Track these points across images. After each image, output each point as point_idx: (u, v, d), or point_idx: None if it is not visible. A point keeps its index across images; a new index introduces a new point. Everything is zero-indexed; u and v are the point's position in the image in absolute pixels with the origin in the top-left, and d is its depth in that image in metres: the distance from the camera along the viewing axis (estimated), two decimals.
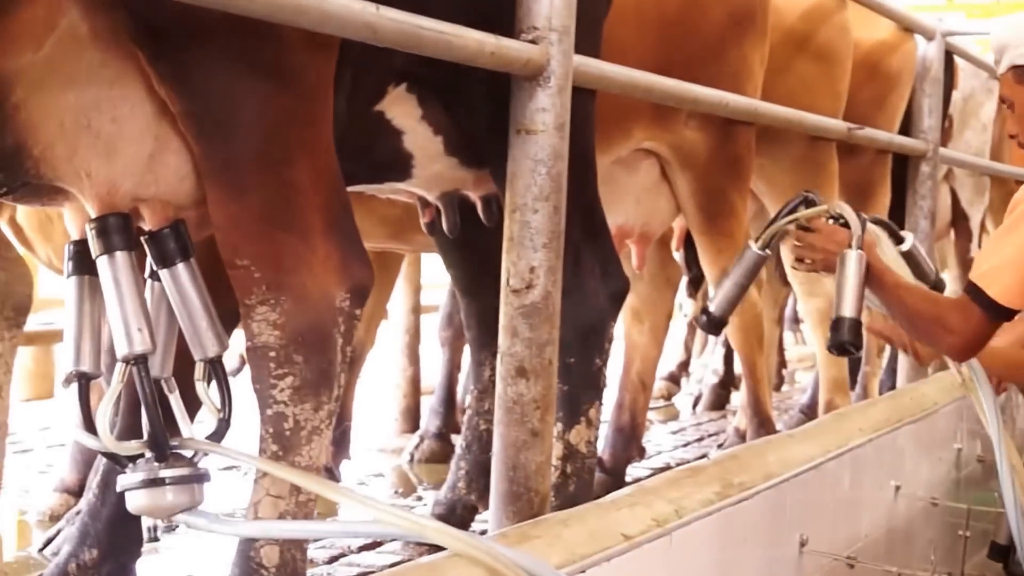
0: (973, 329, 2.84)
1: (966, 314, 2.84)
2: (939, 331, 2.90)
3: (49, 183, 2.22)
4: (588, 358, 3.10)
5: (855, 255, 3.02)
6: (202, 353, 2.32)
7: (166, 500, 2.19)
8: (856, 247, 3.01)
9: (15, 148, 2.10)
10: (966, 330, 2.85)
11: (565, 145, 2.64)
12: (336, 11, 2.13)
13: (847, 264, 3.02)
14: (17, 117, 2.07)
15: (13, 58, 2.02)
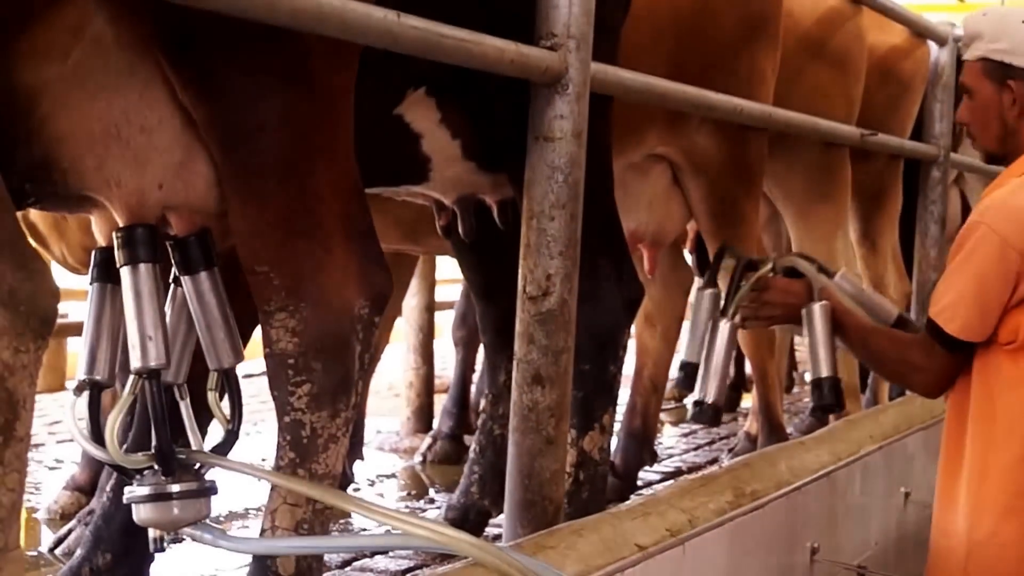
0: (938, 365, 2.84)
1: (929, 351, 2.84)
2: (906, 370, 2.91)
3: (77, 193, 2.22)
4: (603, 365, 3.10)
5: (820, 308, 2.99)
6: (217, 363, 2.32)
7: (172, 514, 2.19)
8: (819, 299, 2.98)
9: (43, 160, 2.10)
10: (932, 367, 2.85)
11: (583, 152, 2.65)
12: (357, 19, 2.14)
13: (815, 319, 2.98)
14: (45, 130, 2.08)
15: (40, 71, 2.02)
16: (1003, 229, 2.72)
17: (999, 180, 2.89)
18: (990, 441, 2.76)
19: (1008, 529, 2.73)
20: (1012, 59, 2.81)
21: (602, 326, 3.10)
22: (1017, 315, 2.73)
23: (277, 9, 1.99)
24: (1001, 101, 2.83)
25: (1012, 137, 2.85)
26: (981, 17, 2.89)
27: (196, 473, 2.25)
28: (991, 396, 2.76)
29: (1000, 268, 2.72)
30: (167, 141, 2.22)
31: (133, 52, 2.14)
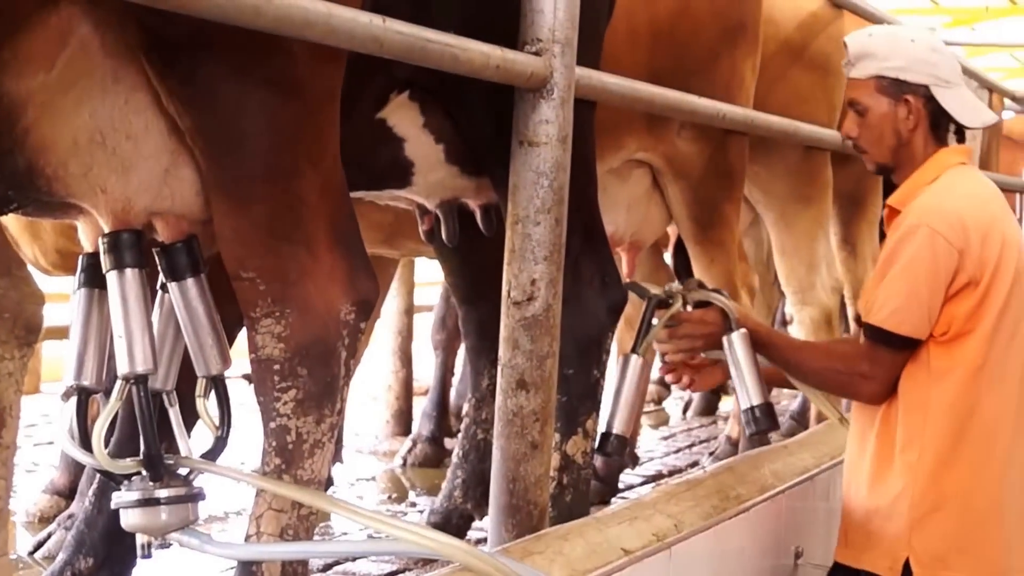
0: (885, 370, 2.89)
1: (874, 358, 2.90)
2: (855, 382, 2.94)
3: (62, 200, 2.21)
4: (586, 369, 3.11)
5: (739, 337, 3.00)
6: (205, 370, 2.31)
7: (160, 519, 2.18)
8: (736, 327, 3.01)
9: (28, 167, 2.08)
10: (878, 373, 2.90)
11: (567, 157, 2.65)
12: (343, 24, 2.14)
13: (735, 348, 3.00)
14: (29, 137, 2.06)
15: (24, 79, 2.00)
16: (943, 230, 2.82)
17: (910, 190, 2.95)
18: (923, 429, 2.86)
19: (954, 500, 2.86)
20: (907, 75, 2.92)
21: (585, 331, 3.10)
22: (951, 308, 2.84)
23: (263, 15, 1.99)
24: (896, 115, 2.94)
25: (905, 149, 2.97)
26: (868, 38, 3.00)
27: (184, 479, 2.25)
28: (923, 387, 2.87)
29: (942, 266, 2.82)
30: (153, 148, 2.21)
31: (118, 59, 2.12)
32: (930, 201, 2.87)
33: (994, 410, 2.91)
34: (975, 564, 2.91)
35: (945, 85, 2.94)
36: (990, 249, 2.85)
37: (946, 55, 2.99)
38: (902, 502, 2.88)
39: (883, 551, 2.90)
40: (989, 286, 2.85)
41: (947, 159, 2.96)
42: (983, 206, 2.92)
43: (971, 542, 2.90)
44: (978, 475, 2.89)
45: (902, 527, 2.88)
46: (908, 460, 2.89)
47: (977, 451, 2.89)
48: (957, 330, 2.85)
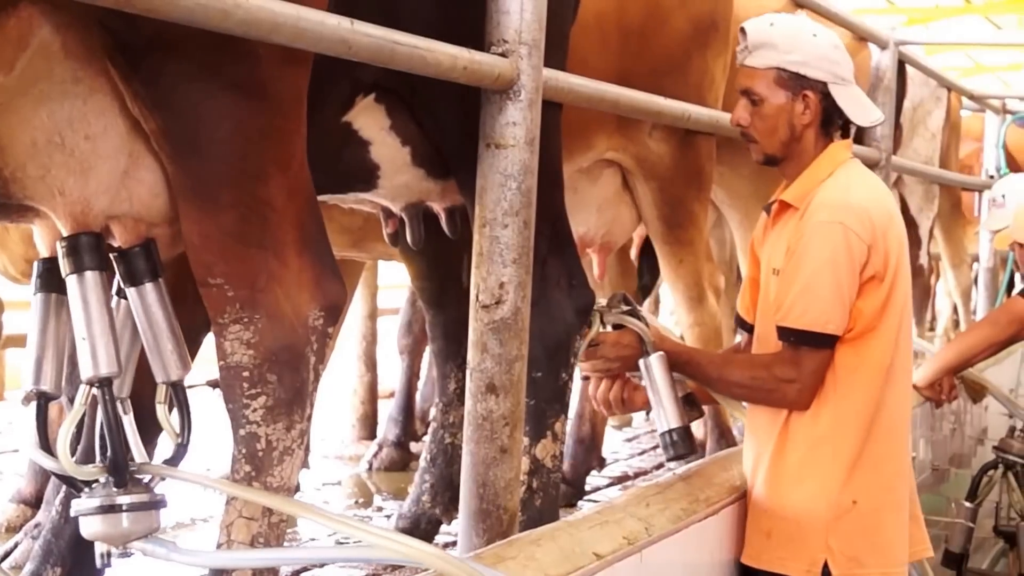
0: (809, 371, 2.91)
1: (796, 361, 2.91)
2: (780, 388, 2.94)
3: (19, 202, 2.17)
4: (554, 373, 3.10)
5: (656, 360, 3.00)
6: (165, 376, 2.28)
7: (122, 527, 2.15)
8: (651, 350, 3.02)
9: None
10: (802, 375, 2.91)
11: (535, 159, 2.63)
12: (311, 27, 2.12)
13: (652, 371, 3.00)
14: None
15: None
16: (854, 225, 2.86)
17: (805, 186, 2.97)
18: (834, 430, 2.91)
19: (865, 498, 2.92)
20: (807, 71, 2.92)
21: (553, 334, 3.09)
22: (858, 304, 2.89)
23: (231, 17, 1.96)
24: (793, 109, 2.95)
25: (796, 143, 2.98)
26: (769, 27, 2.98)
27: (146, 486, 2.22)
28: (830, 386, 2.91)
29: (856, 261, 2.86)
30: (112, 149, 2.19)
31: (79, 61, 2.10)
32: (836, 197, 2.89)
33: (895, 407, 2.97)
34: (885, 559, 2.98)
35: (842, 83, 2.95)
36: (891, 244, 2.91)
37: (844, 52, 2.99)
38: (818, 503, 2.92)
39: (801, 554, 2.93)
40: (893, 283, 2.90)
41: (838, 154, 2.99)
42: (882, 202, 2.98)
43: (882, 538, 2.96)
44: (884, 472, 2.96)
45: (819, 529, 2.91)
46: (820, 461, 2.93)
47: (883, 449, 2.96)
48: (863, 327, 2.89)
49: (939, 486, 5.59)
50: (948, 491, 5.62)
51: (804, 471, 2.94)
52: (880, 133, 5.71)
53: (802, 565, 2.92)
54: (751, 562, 3.00)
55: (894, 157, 5.95)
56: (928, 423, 5.28)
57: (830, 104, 2.94)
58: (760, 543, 2.98)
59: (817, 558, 2.92)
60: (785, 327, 2.91)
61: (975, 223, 8.56)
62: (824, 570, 2.91)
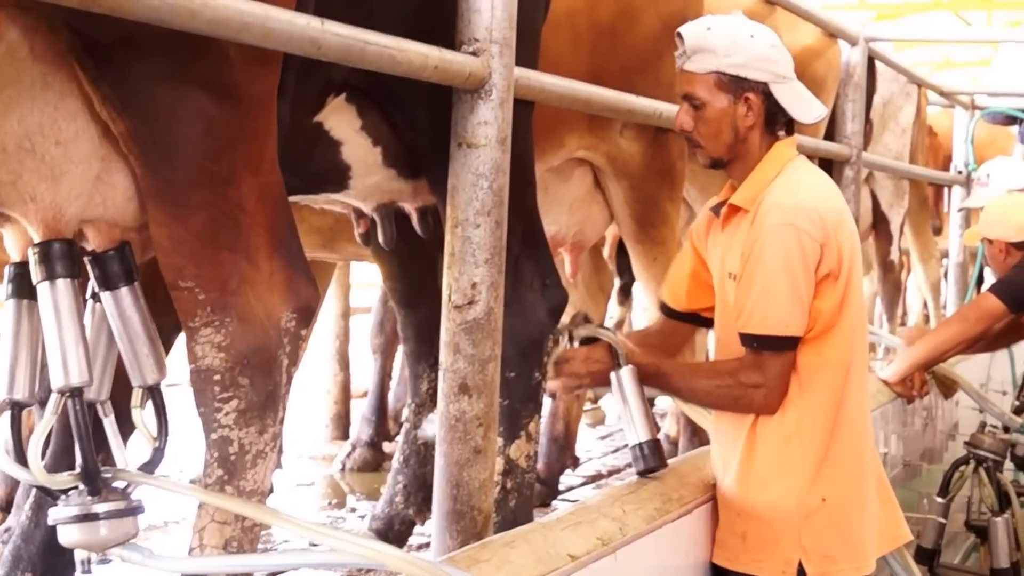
0: (776, 375, 2.92)
1: (761, 366, 2.92)
2: (747, 394, 2.96)
3: None
4: (528, 372, 3.09)
5: (627, 372, 3.00)
6: (141, 379, 2.26)
7: (100, 534, 2.13)
8: (624, 363, 3.01)
9: None
10: (769, 380, 2.93)
11: (507, 159, 2.62)
12: (280, 27, 2.10)
13: (624, 384, 3.00)
14: None
15: None
16: (805, 226, 2.87)
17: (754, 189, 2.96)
18: (800, 429, 2.93)
19: (834, 496, 2.94)
20: (747, 73, 2.92)
21: (526, 333, 3.08)
22: (816, 303, 2.90)
23: (198, 17, 1.95)
24: (736, 112, 2.94)
25: (741, 145, 2.98)
26: (707, 31, 2.96)
27: (122, 492, 2.20)
28: (796, 383, 2.93)
29: (810, 262, 2.87)
30: (83, 154, 2.16)
31: (48, 64, 2.07)
32: (786, 199, 2.90)
33: (856, 402, 2.99)
34: (855, 554, 3.00)
35: (782, 81, 2.95)
36: (843, 240, 2.92)
37: (783, 50, 2.99)
38: (789, 503, 2.93)
39: (775, 555, 2.94)
40: (848, 279, 2.92)
41: (784, 153, 2.99)
42: (831, 199, 2.99)
43: (852, 534, 2.99)
44: (850, 468, 2.98)
45: (792, 529, 2.93)
46: (789, 461, 2.94)
47: (847, 444, 2.98)
48: (823, 326, 2.91)
49: (911, 481, 5.60)
50: (920, 486, 5.63)
51: (773, 472, 2.95)
52: (851, 130, 5.73)
53: (777, 566, 2.94)
54: (727, 564, 3.00)
55: (864, 153, 5.96)
56: (900, 419, 5.29)
57: (772, 103, 2.94)
58: (735, 546, 2.99)
59: (791, 558, 2.93)
60: (747, 333, 2.92)
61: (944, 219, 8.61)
62: (799, 569, 2.92)
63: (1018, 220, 5.16)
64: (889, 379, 5.08)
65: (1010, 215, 5.21)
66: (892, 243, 7.90)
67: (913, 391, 5.14)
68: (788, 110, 2.96)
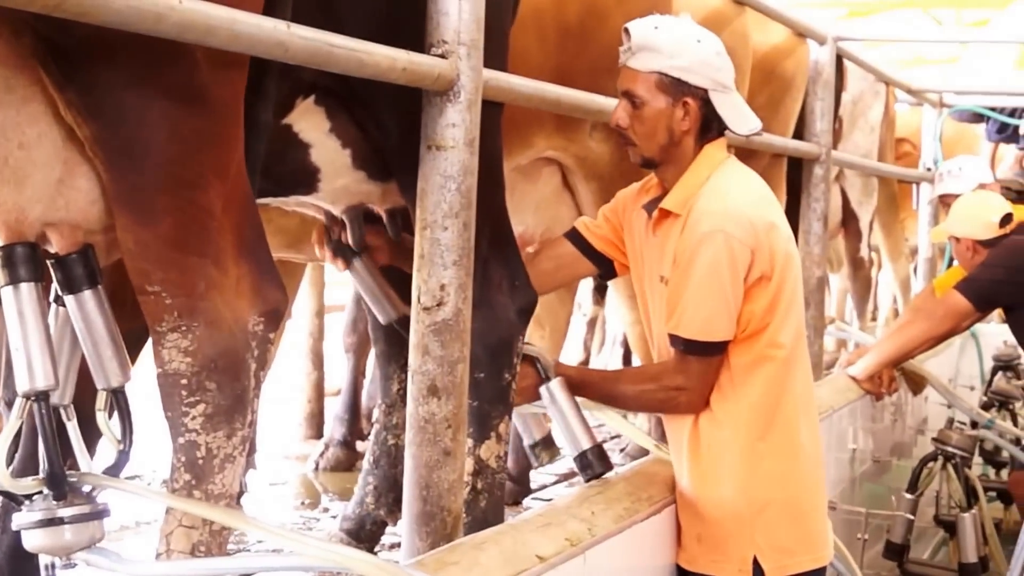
0: (702, 378, 2.98)
1: (687, 369, 2.98)
2: (672, 397, 3.02)
3: None
4: (497, 373, 3.09)
5: (556, 384, 3.08)
6: (105, 383, 2.26)
7: (65, 539, 2.14)
8: (551, 376, 3.08)
9: None
10: (694, 383, 2.98)
11: (475, 161, 2.63)
12: (247, 30, 2.10)
13: (556, 396, 3.09)
14: None
15: None
16: (735, 231, 2.90)
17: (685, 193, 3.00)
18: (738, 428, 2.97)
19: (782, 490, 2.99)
20: (689, 77, 2.95)
21: (496, 334, 3.08)
22: (748, 306, 2.94)
23: (164, 20, 1.94)
24: (673, 115, 2.97)
25: (674, 148, 3.01)
26: (654, 31, 2.98)
27: (88, 496, 2.20)
28: (728, 386, 2.98)
29: (740, 266, 2.91)
30: (46, 157, 2.15)
31: (11, 68, 2.06)
32: (716, 206, 2.93)
33: (798, 398, 3.03)
34: (811, 546, 3.05)
35: (723, 90, 2.98)
36: (775, 242, 2.96)
37: (727, 59, 3.01)
38: (738, 502, 2.98)
39: (731, 554, 2.98)
40: (781, 279, 2.96)
41: (714, 156, 3.02)
42: (761, 201, 3.03)
43: (805, 527, 3.03)
44: (791, 461, 3.02)
45: (744, 527, 2.97)
46: (731, 460, 2.98)
47: (791, 440, 3.02)
48: (754, 327, 2.95)
49: (881, 476, 5.65)
50: (889, 481, 5.68)
51: (718, 472, 2.99)
52: (820, 128, 5.75)
53: (733, 565, 2.98)
54: (687, 566, 3.04)
55: (834, 151, 5.99)
56: (868, 414, 5.33)
57: (710, 111, 2.97)
58: (693, 548, 3.02)
59: (746, 555, 2.97)
60: (675, 335, 2.96)
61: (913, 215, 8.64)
62: (756, 567, 2.94)
63: (985, 218, 5.20)
64: (858, 376, 5.12)
65: (977, 213, 5.25)
66: (862, 240, 7.93)
67: (881, 388, 5.19)
68: (724, 119, 2.99)
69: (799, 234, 5.71)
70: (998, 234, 5.16)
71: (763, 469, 2.97)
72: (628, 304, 4.72)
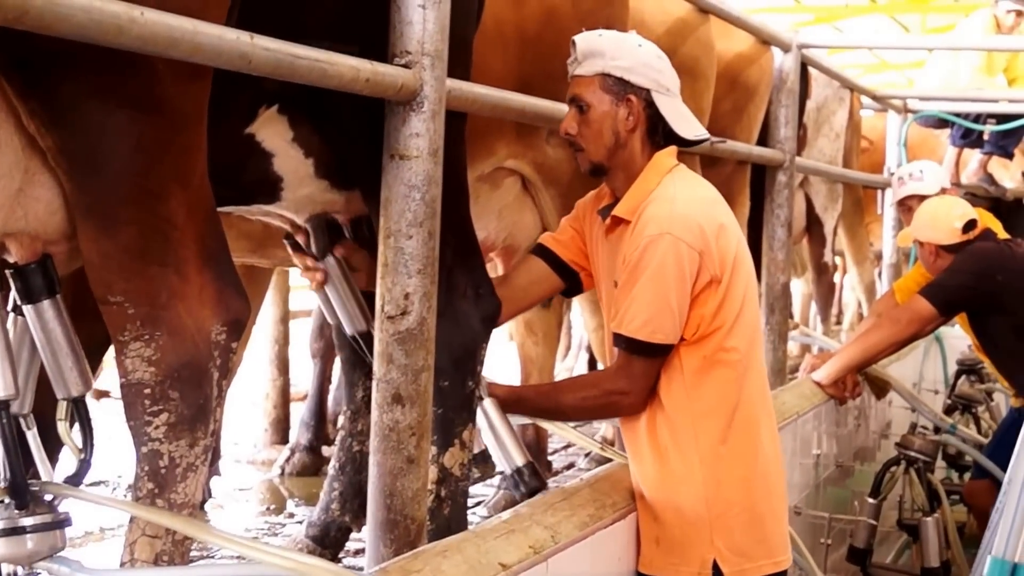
0: (642, 380, 3.00)
1: (630, 370, 3.00)
2: (615, 401, 3.04)
3: None
4: (461, 381, 3.10)
5: (489, 404, 3.12)
6: (65, 392, 2.27)
7: (27, 548, 2.15)
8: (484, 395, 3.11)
9: None
10: (637, 384, 3.00)
11: (439, 170, 2.64)
12: (209, 42, 2.10)
13: (488, 416, 3.12)
14: None
15: None
16: (683, 235, 2.92)
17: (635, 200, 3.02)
18: (694, 431, 2.98)
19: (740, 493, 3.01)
20: (631, 76, 2.99)
21: (460, 342, 3.10)
22: (697, 309, 2.96)
23: (126, 33, 1.95)
24: (617, 115, 3.00)
25: (621, 150, 3.03)
26: (598, 37, 3.05)
27: (50, 505, 2.21)
28: (681, 389, 2.99)
29: (687, 270, 2.93)
30: (6, 167, 2.15)
31: None
32: (663, 210, 2.95)
33: (754, 401, 3.05)
34: (771, 550, 3.07)
35: (666, 93, 3.02)
36: (725, 245, 2.98)
37: (668, 64, 3.06)
38: (697, 506, 2.99)
39: (690, 557, 3.00)
40: (730, 282, 2.97)
41: (663, 163, 3.04)
42: (711, 207, 3.04)
43: (764, 530, 3.04)
44: (751, 465, 3.03)
45: (703, 530, 2.99)
46: (688, 463, 2.99)
47: (748, 442, 3.03)
48: (704, 330, 2.96)
49: (845, 480, 5.68)
50: (853, 485, 5.72)
51: (676, 476, 3.00)
52: (784, 135, 5.79)
53: (693, 568, 2.99)
54: (646, 571, 3.05)
55: (798, 158, 6.03)
56: (833, 419, 5.36)
57: (654, 112, 3.01)
58: (651, 551, 3.04)
59: (706, 558, 2.98)
60: (619, 334, 2.99)
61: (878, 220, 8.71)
62: (715, 570, 2.97)
63: (948, 223, 5.24)
64: (821, 381, 5.16)
65: (940, 218, 5.29)
66: (826, 245, 8.00)
67: (845, 392, 5.22)
68: (668, 121, 3.02)
69: (763, 240, 5.74)
70: (962, 239, 5.21)
71: (722, 472, 2.99)
72: (591, 309, 4.75)
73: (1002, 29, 9.17)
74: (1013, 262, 5.17)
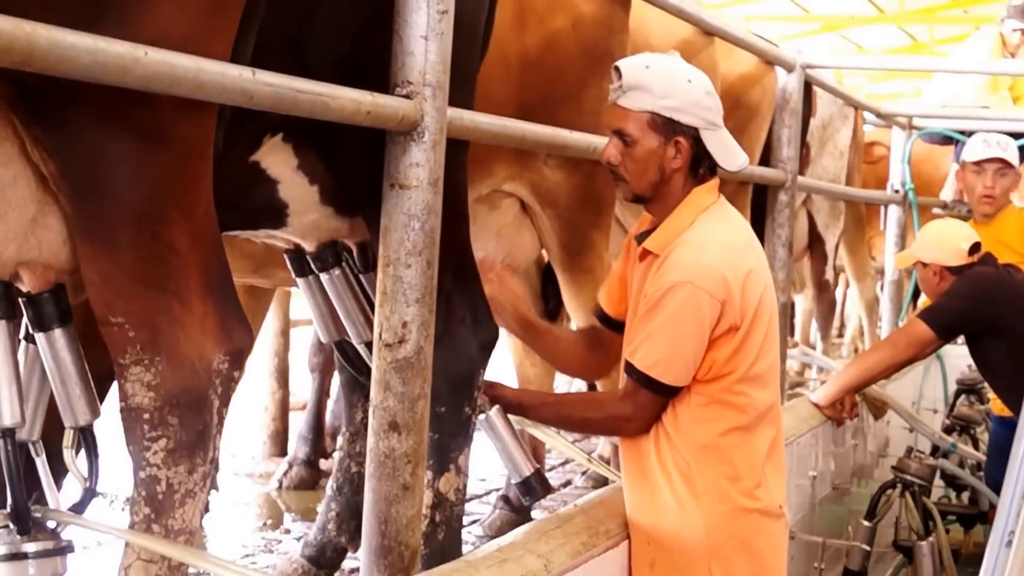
0: (648, 411, 3.03)
1: (636, 399, 3.03)
2: (617, 424, 3.09)
3: None
4: (458, 407, 3.14)
5: (495, 413, 3.13)
6: (73, 420, 2.30)
7: (28, 573, 2.20)
8: (489, 405, 3.13)
9: None
10: (640, 414, 3.04)
11: (439, 200, 2.66)
12: (212, 79, 2.13)
13: (495, 424, 3.14)
14: None
15: None
16: (706, 286, 2.94)
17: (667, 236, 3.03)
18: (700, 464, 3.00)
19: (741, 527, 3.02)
20: (681, 117, 2.98)
21: (457, 368, 3.13)
22: (712, 353, 2.99)
23: (130, 73, 1.98)
24: (664, 154, 3.00)
25: (664, 185, 3.04)
26: (645, 70, 3.02)
27: (52, 532, 2.25)
28: (689, 424, 3.01)
29: (707, 318, 2.95)
30: (20, 198, 2.19)
31: None
32: (690, 258, 2.96)
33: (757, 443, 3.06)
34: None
35: (713, 128, 3.01)
36: (749, 295, 2.99)
37: (716, 97, 3.05)
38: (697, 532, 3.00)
39: None
40: (749, 329, 2.99)
41: (700, 201, 3.04)
42: (740, 256, 3.03)
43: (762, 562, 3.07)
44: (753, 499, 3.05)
45: (701, 556, 3.01)
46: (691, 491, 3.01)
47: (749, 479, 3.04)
48: (717, 372, 2.99)
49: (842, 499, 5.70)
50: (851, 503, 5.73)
51: (677, 502, 3.02)
52: (786, 155, 5.80)
53: None
54: None
55: (800, 177, 6.05)
56: (830, 438, 5.38)
57: (700, 149, 3.00)
58: (645, 575, 3.05)
59: None
60: (631, 364, 3.01)
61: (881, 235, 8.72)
62: None
63: (955, 244, 5.23)
64: (819, 402, 5.18)
65: (948, 238, 5.27)
66: (827, 263, 8.01)
67: (843, 414, 5.24)
68: (714, 156, 3.02)
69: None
70: (967, 261, 5.21)
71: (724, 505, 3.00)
72: None
73: (1008, 47, 9.18)
74: (1012, 288, 5.18)
